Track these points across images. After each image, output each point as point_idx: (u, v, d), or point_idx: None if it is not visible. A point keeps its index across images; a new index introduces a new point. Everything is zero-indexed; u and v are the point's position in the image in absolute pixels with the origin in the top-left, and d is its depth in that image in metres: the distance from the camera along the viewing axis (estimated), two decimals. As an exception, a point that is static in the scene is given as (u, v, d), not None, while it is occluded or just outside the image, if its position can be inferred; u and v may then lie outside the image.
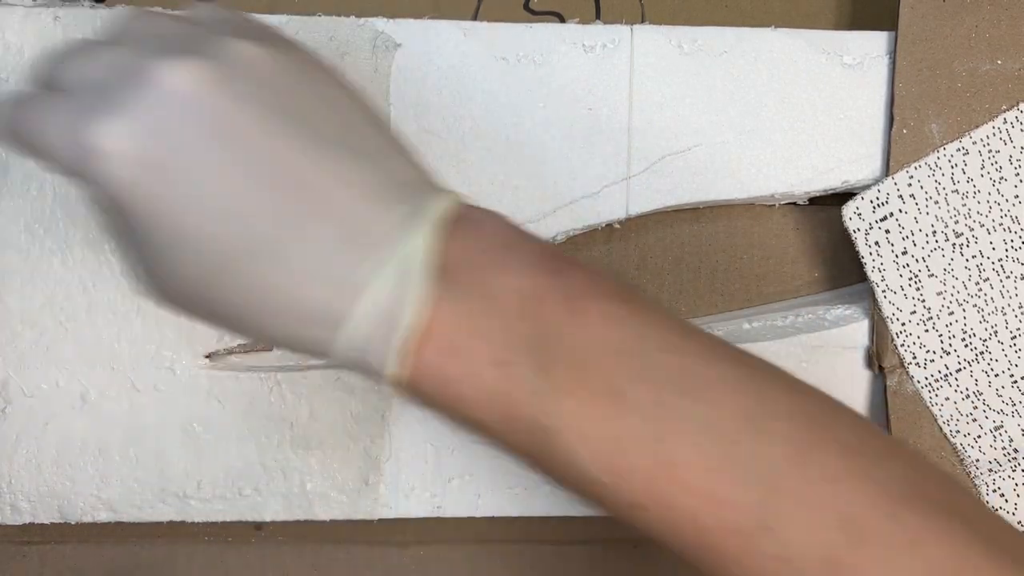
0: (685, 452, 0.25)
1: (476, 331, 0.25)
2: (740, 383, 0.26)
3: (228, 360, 0.42)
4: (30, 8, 0.40)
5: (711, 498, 0.25)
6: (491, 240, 0.26)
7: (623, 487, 0.26)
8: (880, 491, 0.26)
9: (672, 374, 0.26)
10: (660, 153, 0.42)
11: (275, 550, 0.44)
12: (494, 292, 0.25)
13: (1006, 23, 0.42)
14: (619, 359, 0.26)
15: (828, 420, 0.27)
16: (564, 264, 0.27)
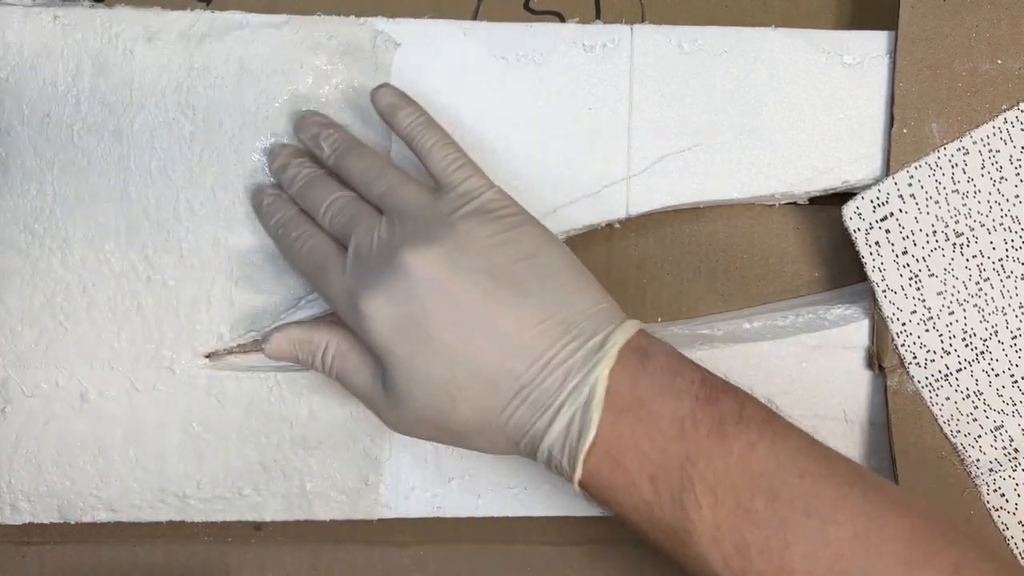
0: (799, 563, 0.31)
1: (637, 449, 0.32)
2: (857, 506, 0.31)
3: (228, 360, 0.42)
4: (29, 8, 0.40)
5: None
6: (658, 369, 0.33)
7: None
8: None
9: (798, 495, 0.31)
10: (660, 153, 0.42)
11: (275, 550, 0.44)
12: (655, 416, 0.32)
13: (1006, 23, 0.42)
14: (754, 481, 0.31)
15: (938, 542, 0.31)
16: (718, 393, 0.33)
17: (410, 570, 0.45)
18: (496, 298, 0.33)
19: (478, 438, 0.35)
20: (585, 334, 0.33)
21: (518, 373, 0.33)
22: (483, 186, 0.36)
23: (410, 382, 0.34)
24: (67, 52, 0.40)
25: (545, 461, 0.34)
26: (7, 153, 0.40)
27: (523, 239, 0.35)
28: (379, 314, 0.34)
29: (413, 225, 0.35)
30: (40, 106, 0.40)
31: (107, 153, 0.40)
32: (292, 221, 0.39)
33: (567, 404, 0.33)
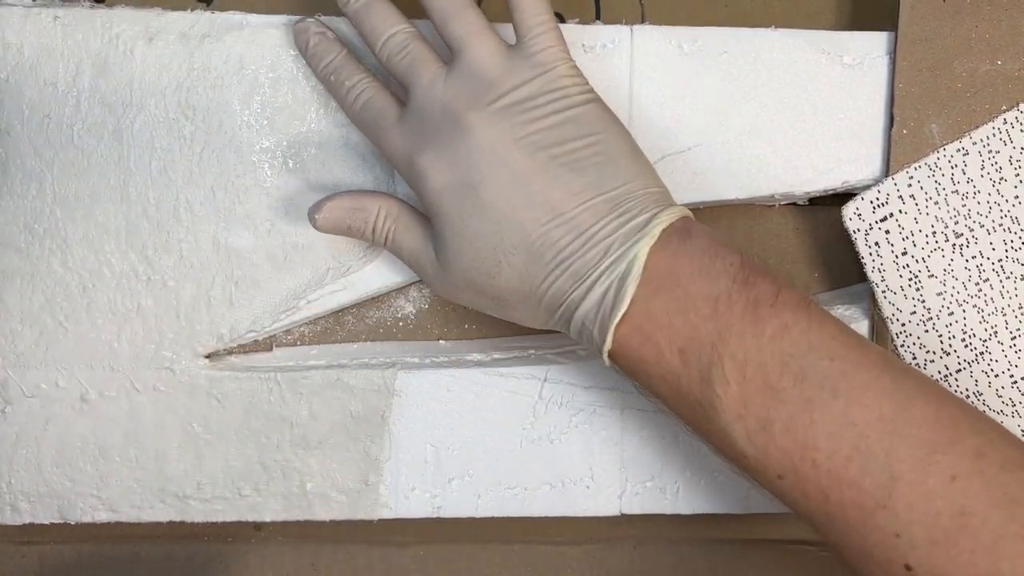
0: (824, 441, 0.31)
1: (668, 324, 0.33)
2: (887, 391, 0.32)
3: (228, 360, 0.42)
4: (30, 8, 0.40)
5: (839, 478, 0.31)
6: (698, 250, 0.34)
7: (767, 460, 0.33)
8: (1001, 493, 0.30)
9: (827, 377, 0.32)
10: (660, 153, 0.42)
11: (275, 550, 0.44)
12: (690, 293, 0.33)
13: (1006, 23, 0.42)
14: (784, 361, 0.32)
15: (964, 429, 0.32)
16: (755, 275, 0.33)
17: (410, 570, 0.45)
18: (551, 173, 0.34)
19: (518, 305, 0.36)
20: (631, 212, 0.34)
21: (562, 244, 0.34)
22: (559, 59, 0.36)
23: (460, 241, 0.35)
24: (67, 52, 0.40)
25: (578, 332, 0.35)
26: (7, 153, 0.40)
27: (586, 118, 0.35)
28: (438, 175, 0.35)
29: (481, 86, 0.35)
30: (40, 106, 0.40)
31: (107, 153, 0.40)
32: (343, 67, 0.38)
33: (604, 276, 0.34)
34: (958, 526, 0.30)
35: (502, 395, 0.42)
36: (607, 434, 0.42)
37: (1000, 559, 0.30)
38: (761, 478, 0.34)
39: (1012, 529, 0.30)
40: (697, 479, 0.43)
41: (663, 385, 0.34)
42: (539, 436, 0.42)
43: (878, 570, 0.32)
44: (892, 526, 0.31)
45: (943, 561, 0.30)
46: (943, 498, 0.30)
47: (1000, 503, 0.30)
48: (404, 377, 0.42)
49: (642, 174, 0.36)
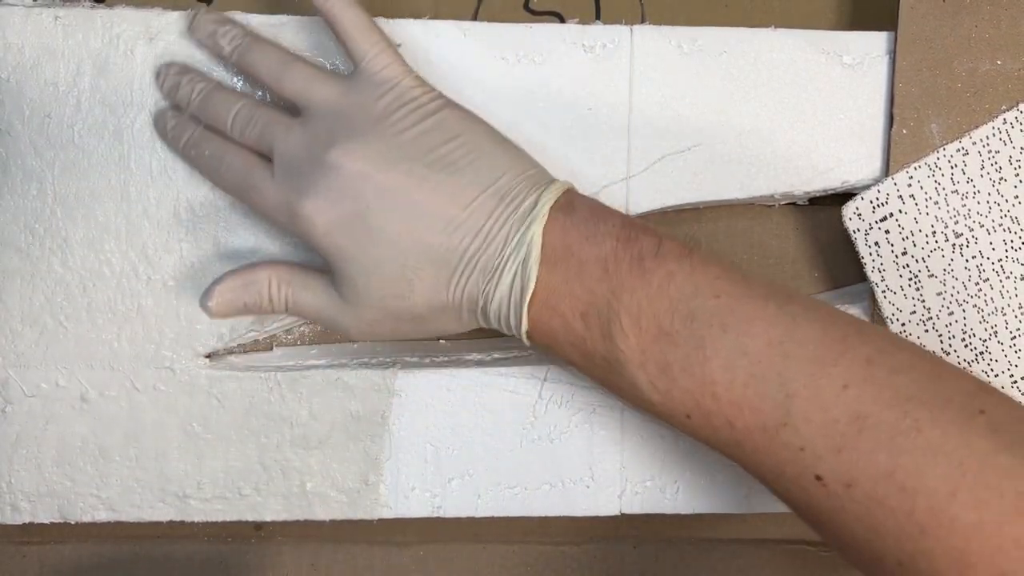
0: (720, 374, 0.33)
1: (569, 293, 0.34)
2: (774, 317, 0.33)
3: (228, 360, 0.42)
4: (30, 8, 0.40)
5: (740, 406, 0.33)
6: (582, 219, 0.35)
7: (673, 403, 0.34)
8: (892, 394, 0.31)
9: (715, 314, 0.33)
10: (660, 153, 0.42)
11: (275, 550, 0.44)
12: (582, 260, 0.34)
13: (1006, 23, 0.42)
14: (673, 306, 0.33)
15: (852, 340, 0.33)
16: (637, 232, 0.35)
17: (410, 570, 0.45)
18: (431, 182, 0.35)
19: (438, 317, 0.37)
20: (518, 199, 0.35)
21: (464, 247, 0.35)
22: (402, 73, 0.37)
23: (366, 275, 0.35)
24: (68, 52, 0.40)
25: (496, 321, 0.36)
26: (8, 153, 0.40)
27: (446, 122, 0.36)
28: (322, 217, 0.35)
29: (335, 121, 0.36)
30: (41, 106, 0.40)
31: (108, 153, 0.40)
32: (202, 139, 0.38)
33: (509, 264, 0.35)
34: (856, 430, 0.31)
35: (502, 395, 0.42)
36: (607, 434, 0.42)
37: (899, 454, 0.30)
38: (674, 421, 0.35)
39: (906, 424, 0.31)
40: (697, 479, 0.43)
41: (573, 351, 0.35)
42: (539, 436, 0.42)
43: (793, 486, 0.33)
44: (796, 441, 0.32)
45: (847, 466, 0.31)
46: (838, 406, 0.31)
47: (892, 402, 0.31)
48: (404, 377, 0.42)
49: (516, 160, 0.36)
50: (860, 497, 0.31)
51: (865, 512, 0.31)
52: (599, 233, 0.35)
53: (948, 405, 0.31)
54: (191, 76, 0.39)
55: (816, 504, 0.32)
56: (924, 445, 0.30)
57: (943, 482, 0.30)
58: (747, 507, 0.43)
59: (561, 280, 0.34)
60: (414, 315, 0.36)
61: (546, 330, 0.35)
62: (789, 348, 0.32)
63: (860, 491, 0.31)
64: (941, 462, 0.30)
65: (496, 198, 0.35)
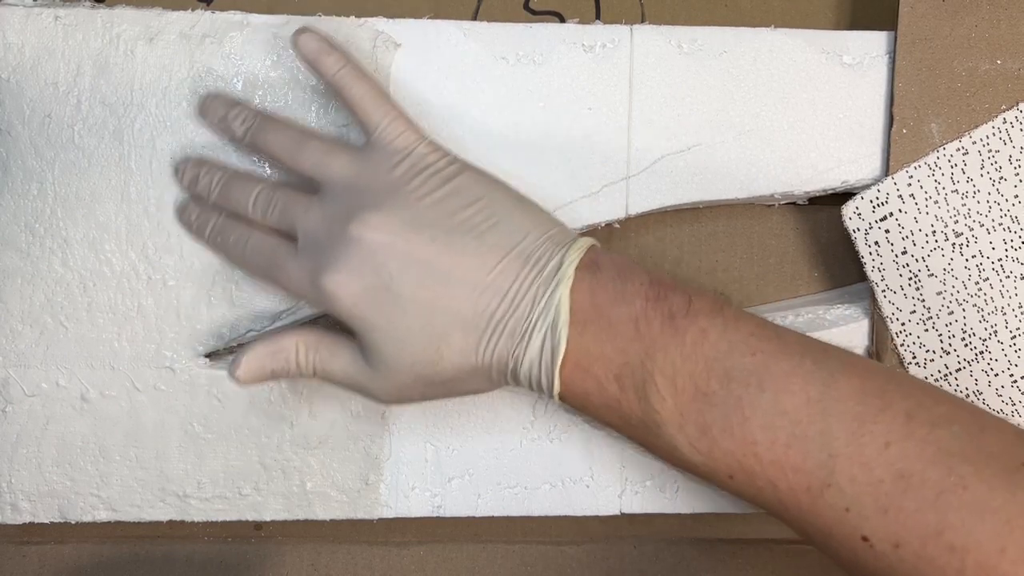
0: (760, 434, 0.32)
1: (601, 355, 0.34)
2: (810, 373, 0.33)
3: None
4: (31, 8, 0.40)
5: (783, 467, 0.32)
6: (609, 278, 0.35)
7: (715, 464, 0.33)
8: (935, 450, 0.31)
9: (752, 373, 0.33)
10: (660, 153, 0.42)
11: (275, 550, 0.44)
12: (612, 321, 0.34)
13: (1006, 23, 0.42)
14: (708, 366, 0.33)
15: (891, 395, 0.32)
16: (666, 290, 0.34)
17: (410, 570, 0.45)
18: (455, 248, 0.35)
19: (468, 380, 0.36)
20: (542, 261, 0.35)
21: (492, 311, 0.35)
22: (416, 140, 0.37)
23: (394, 345, 0.35)
24: (68, 52, 0.40)
25: (527, 383, 0.36)
26: (8, 153, 0.40)
27: (465, 187, 0.36)
28: (346, 289, 0.35)
29: (354, 193, 0.36)
30: (41, 106, 0.40)
31: (108, 153, 0.40)
32: (227, 226, 0.39)
33: (538, 327, 0.34)
34: (901, 489, 0.31)
35: (502, 395, 0.42)
36: (607, 434, 0.42)
37: (946, 512, 0.30)
38: (717, 482, 0.34)
39: (951, 481, 0.31)
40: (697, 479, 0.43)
41: (609, 413, 0.35)
42: (539, 436, 0.42)
43: (841, 547, 0.32)
44: (841, 502, 0.32)
45: (894, 527, 0.31)
46: (881, 465, 0.31)
47: (935, 459, 0.31)
48: (404, 377, 0.42)
49: (538, 221, 0.36)
50: (909, 557, 0.31)
51: (914, 571, 0.31)
52: (627, 292, 0.34)
53: (992, 460, 0.31)
54: (208, 167, 0.39)
55: (865, 564, 0.32)
56: (970, 502, 0.30)
57: (992, 539, 0.30)
58: (747, 507, 0.43)
59: (592, 342, 0.34)
60: (444, 379, 0.36)
61: (579, 392, 0.35)
62: (828, 405, 0.32)
63: (908, 551, 0.31)
64: (988, 519, 0.30)
65: (521, 260, 0.35)
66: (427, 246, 0.35)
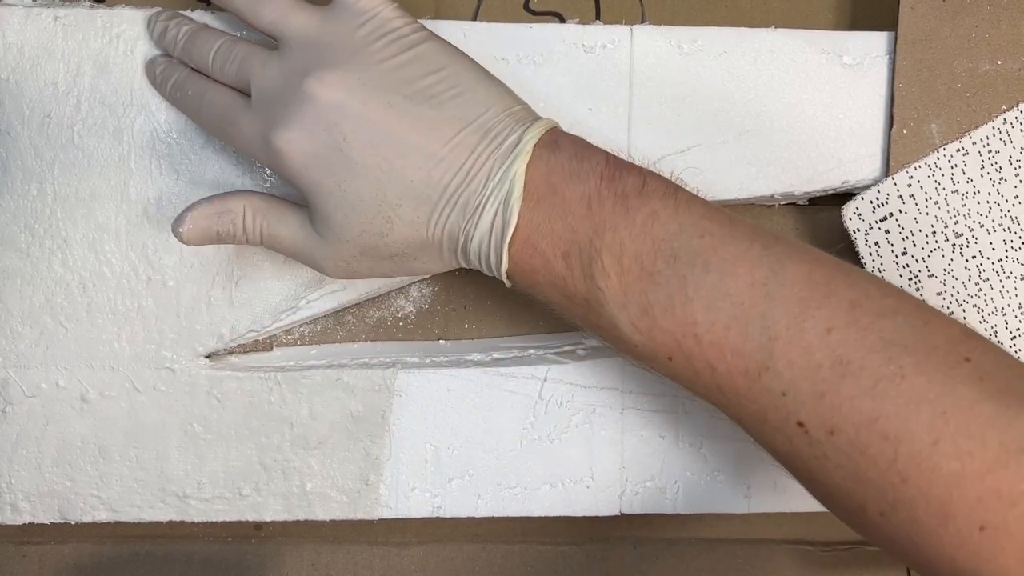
0: (702, 315, 0.32)
1: (551, 232, 0.33)
2: (758, 257, 0.32)
3: (228, 360, 0.42)
4: (30, 8, 0.40)
5: (722, 349, 0.32)
6: (566, 157, 0.34)
7: (654, 344, 0.33)
8: (877, 339, 0.31)
9: (698, 254, 0.32)
10: (660, 153, 0.42)
11: (275, 550, 0.44)
12: (565, 198, 0.33)
13: (1006, 23, 0.42)
14: (656, 246, 0.33)
15: (837, 284, 0.32)
16: (622, 170, 0.34)
17: (410, 570, 0.45)
18: (412, 115, 0.34)
19: (418, 255, 0.35)
20: (501, 136, 0.34)
21: (445, 182, 0.34)
22: (381, 2, 0.35)
23: (343, 210, 0.34)
24: (68, 52, 0.40)
25: (477, 260, 0.35)
26: (7, 153, 0.40)
27: (428, 55, 0.35)
28: (297, 148, 0.34)
29: (313, 52, 0.35)
30: (41, 106, 0.40)
31: (108, 153, 0.40)
32: (186, 80, 0.38)
33: (490, 201, 0.34)
34: (838, 375, 0.30)
35: (502, 395, 0.42)
36: (607, 434, 0.43)
37: (882, 401, 0.30)
38: (655, 365, 0.34)
39: (890, 370, 0.30)
40: (697, 479, 0.43)
41: (554, 292, 0.35)
42: (539, 436, 0.42)
43: (775, 433, 0.32)
44: (777, 385, 0.31)
45: (829, 412, 0.31)
46: (821, 350, 0.31)
47: (876, 348, 0.30)
48: (404, 377, 0.42)
49: (500, 96, 0.35)
50: (842, 444, 0.31)
51: (847, 460, 0.31)
52: (583, 171, 0.34)
53: (933, 352, 0.31)
54: (178, 20, 0.39)
55: (798, 452, 0.32)
56: (908, 392, 0.30)
57: (926, 430, 0.30)
58: (747, 507, 0.43)
59: (543, 218, 0.34)
60: (393, 253, 0.35)
61: (527, 269, 0.34)
62: (773, 289, 0.32)
63: (842, 438, 0.31)
64: (924, 410, 0.30)
65: (479, 134, 0.34)
66: (383, 110, 0.34)
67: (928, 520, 0.30)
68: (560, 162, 0.34)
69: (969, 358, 0.31)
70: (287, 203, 0.37)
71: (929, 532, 0.30)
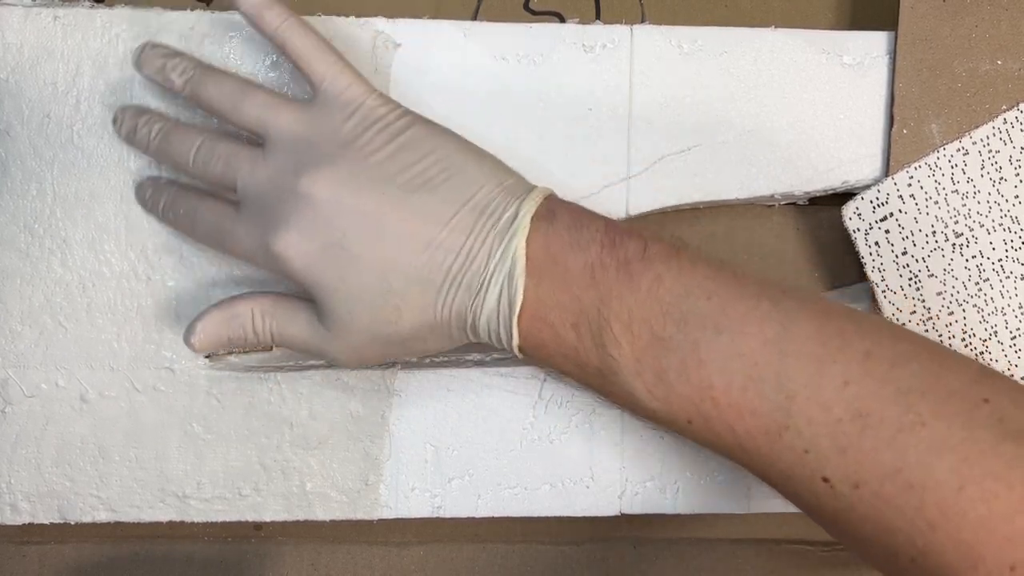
0: (717, 378, 0.32)
1: (557, 304, 0.34)
2: (767, 315, 0.32)
3: (228, 360, 0.42)
4: (30, 8, 0.40)
5: (740, 410, 0.32)
6: (564, 226, 0.34)
7: (672, 409, 0.33)
8: (894, 388, 0.31)
9: (708, 316, 0.32)
10: (660, 153, 0.42)
11: (275, 550, 0.44)
12: (568, 269, 0.34)
13: (1006, 23, 0.42)
14: (664, 311, 0.33)
15: (849, 335, 0.32)
16: (622, 236, 0.34)
17: (410, 570, 0.45)
18: (407, 203, 0.34)
19: (427, 338, 0.36)
20: (497, 212, 0.34)
21: (448, 265, 0.34)
22: (365, 92, 0.36)
23: (350, 305, 0.35)
24: (67, 52, 0.40)
25: (487, 336, 0.35)
26: (7, 153, 0.40)
27: (416, 140, 0.35)
28: (297, 250, 0.34)
29: (302, 150, 0.35)
30: (40, 106, 0.40)
31: (107, 153, 0.40)
32: (177, 199, 0.38)
33: (494, 279, 0.34)
34: (859, 429, 0.31)
35: (502, 395, 0.42)
36: (607, 434, 0.43)
37: (904, 451, 0.30)
38: (676, 428, 0.34)
39: (909, 419, 0.30)
40: (697, 479, 0.43)
41: (567, 363, 0.35)
42: (539, 436, 0.42)
43: (801, 489, 0.32)
44: (799, 443, 0.31)
45: (853, 466, 0.31)
46: (839, 405, 0.31)
47: (894, 398, 0.31)
48: (404, 377, 0.42)
49: (493, 172, 0.35)
50: (868, 497, 0.31)
51: (874, 511, 0.31)
52: (583, 240, 0.34)
53: (951, 397, 0.31)
54: (148, 117, 0.38)
55: (825, 506, 0.32)
56: (928, 440, 0.30)
57: (950, 476, 0.30)
58: (747, 507, 0.43)
59: (548, 291, 0.34)
60: (404, 338, 0.35)
61: (537, 343, 0.35)
62: (786, 346, 0.32)
63: (868, 491, 0.31)
64: (946, 456, 0.30)
65: (475, 213, 0.34)
66: (379, 202, 0.34)
67: (959, 564, 0.30)
68: (559, 232, 0.34)
69: (988, 399, 0.31)
70: (295, 300, 0.37)
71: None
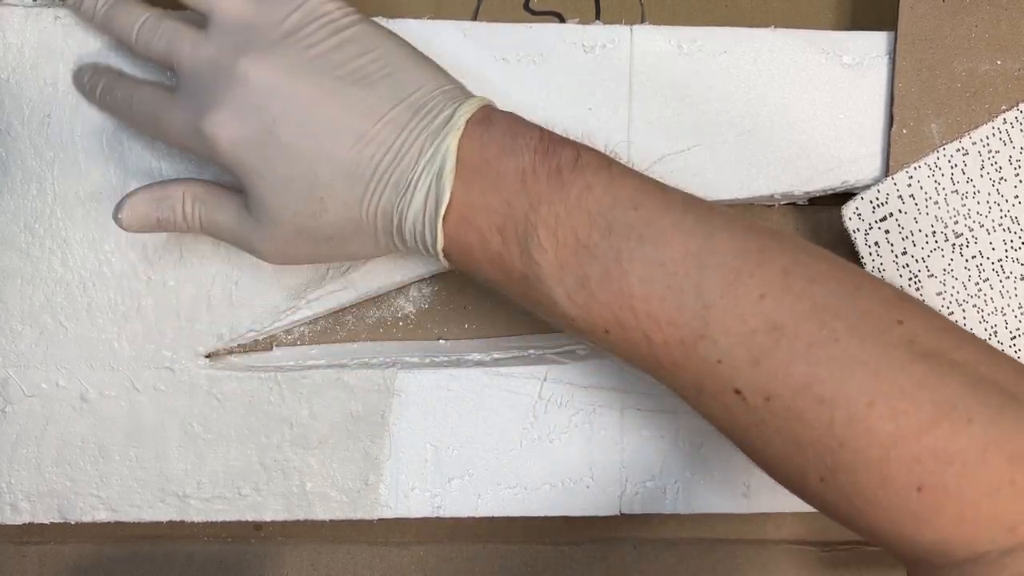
0: (637, 286, 0.32)
1: (486, 207, 0.33)
2: (691, 228, 0.32)
3: (228, 360, 0.42)
4: (30, 8, 0.40)
5: (657, 319, 0.32)
6: (500, 132, 0.34)
7: (591, 317, 0.33)
8: (810, 304, 0.31)
9: (633, 226, 0.32)
10: (660, 153, 0.42)
11: (275, 550, 0.44)
12: (499, 173, 0.33)
13: (1006, 23, 0.42)
14: (591, 219, 0.32)
15: (770, 251, 0.32)
16: (556, 144, 0.34)
17: (410, 570, 0.45)
18: (343, 95, 0.34)
19: (352, 237, 0.35)
20: (433, 112, 0.34)
21: (376, 161, 0.34)
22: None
23: (275, 193, 0.34)
24: (68, 52, 0.40)
25: (412, 239, 0.35)
26: (7, 153, 0.40)
27: (360, 37, 0.35)
28: (227, 132, 0.34)
29: (244, 34, 0.35)
30: (41, 106, 0.40)
31: (107, 153, 0.40)
32: (114, 83, 0.38)
33: (423, 178, 0.33)
34: (773, 341, 0.31)
35: (502, 395, 0.42)
36: (607, 434, 0.43)
37: (816, 365, 0.30)
38: (593, 337, 0.34)
39: (823, 335, 0.30)
40: (697, 479, 0.43)
41: (491, 268, 0.34)
42: (539, 436, 0.42)
43: (713, 401, 0.32)
44: (713, 353, 0.31)
45: (765, 378, 0.31)
46: (755, 316, 0.31)
47: (809, 313, 0.31)
48: (404, 377, 0.42)
49: (433, 76, 0.35)
50: (779, 410, 0.31)
51: (785, 426, 0.31)
52: (517, 146, 0.33)
53: (866, 316, 0.31)
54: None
55: (737, 419, 0.32)
56: (841, 355, 0.30)
57: (860, 392, 0.30)
58: (747, 507, 0.43)
59: (478, 194, 0.33)
60: (328, 235, 0.35)
61: (463, 247, 0.34)
62: (706, 258, 0.32)
63: (779, 404, 0.31)
64: (858, 372, 0.30)
65: (410, 112, 0.34)
66: (314, 92, 0.33)
67: (867, 483, 0.30)
68: (494, 137, 0.34)
69: (902, 320, 0.31)
70: (226, 189, 0.37)
71: (868, 496, 0.30)
